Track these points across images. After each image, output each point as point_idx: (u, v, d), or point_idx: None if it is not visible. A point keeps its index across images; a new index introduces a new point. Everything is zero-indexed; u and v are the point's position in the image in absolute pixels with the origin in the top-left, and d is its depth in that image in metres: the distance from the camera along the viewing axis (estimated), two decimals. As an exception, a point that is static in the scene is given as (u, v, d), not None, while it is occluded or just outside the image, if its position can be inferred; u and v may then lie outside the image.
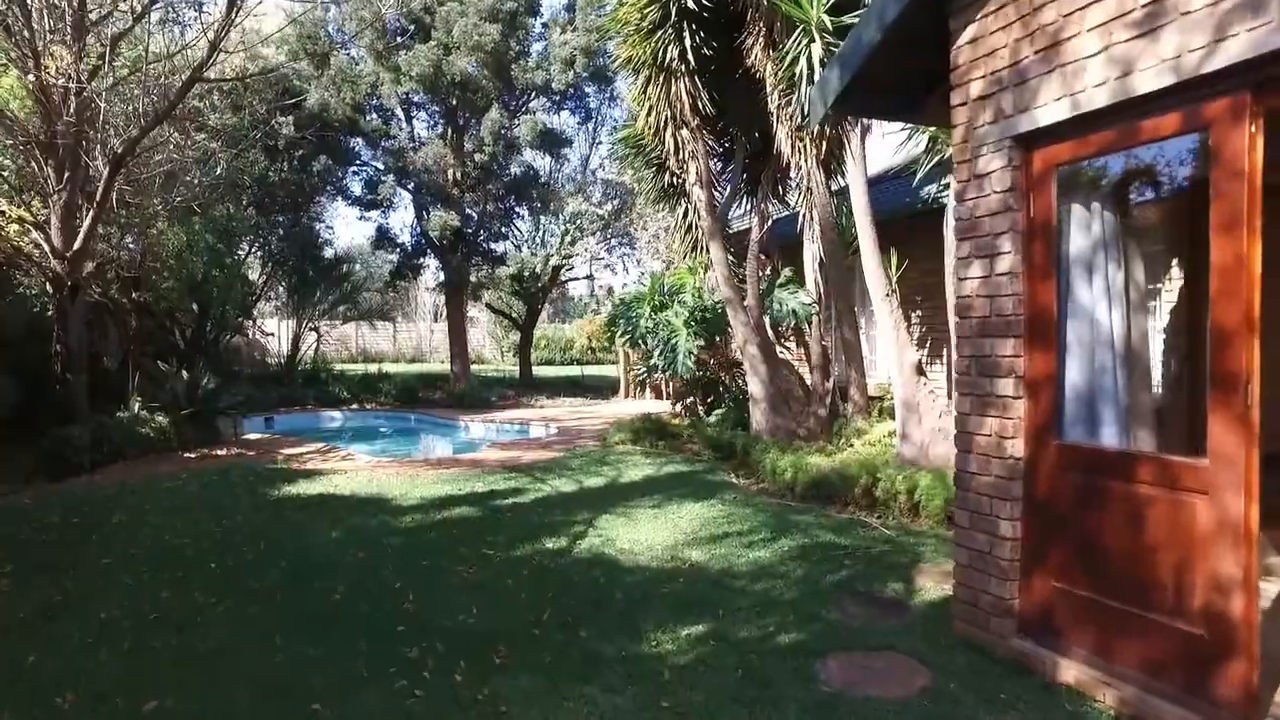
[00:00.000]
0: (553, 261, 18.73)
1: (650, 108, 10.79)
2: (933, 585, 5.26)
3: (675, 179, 12.61)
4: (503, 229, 18.95)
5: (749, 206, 12.10)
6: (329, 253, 20.83)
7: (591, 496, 8.09)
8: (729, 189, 10.88)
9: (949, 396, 8.54)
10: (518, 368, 30.22)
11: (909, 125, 8.07)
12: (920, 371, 8.45)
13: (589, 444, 11.78)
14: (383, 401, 18.76)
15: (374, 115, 18.62)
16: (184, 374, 12.15)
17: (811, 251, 10.45)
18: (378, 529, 6.72)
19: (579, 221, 17.24)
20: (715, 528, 6.76)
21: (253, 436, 13.11)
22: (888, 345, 8.52)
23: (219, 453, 10.62)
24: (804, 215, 10.34)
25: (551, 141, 18.12)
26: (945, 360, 10.33)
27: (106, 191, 8.66)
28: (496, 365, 33.12)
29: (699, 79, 9.84)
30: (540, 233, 19.87)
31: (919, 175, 8.07)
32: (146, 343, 18.25)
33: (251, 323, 21.69)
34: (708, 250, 12.08)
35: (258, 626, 4.49)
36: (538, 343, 36.46)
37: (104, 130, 8.98)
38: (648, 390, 19.21)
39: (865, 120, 8.31)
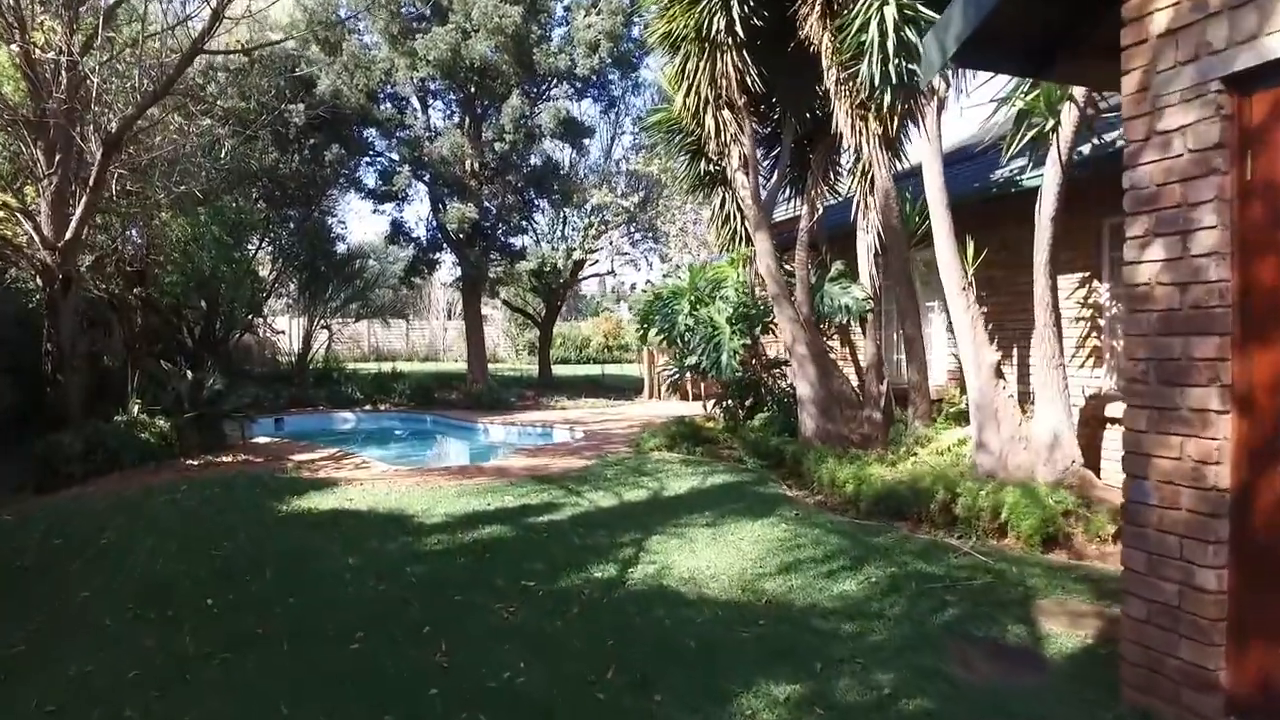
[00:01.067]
0: (575, 256, 17.90)
1: (689, 87, 9.94)
2: (1064, 631, 4.40)
3: (714, 166, 11.76)
4: (522, 222, 18.13)
5: (791, 195, 11.24)
6: (341, 248, 20.07)
7: (636, 513, 7.25)
8: (775, 175, 10.02)
9: (1012, 398, 7.66)
10: (535, 367, 29.56)
11: (994, 99, 7.18)
12: (999, 374, 7.58)
13: (621, 450, 10.94)
14: (397, 402, 18.00)
15: (388, 104, 17.85)
16: (188, 374, 11.38)
17: (866, 242, 9.58)
18: (399, 554, 5.91)
19: (603, 214, 16.40)
20: (785, 552, 5.91)
21: (262, 440, 12.33)
22: (963, 344, 7.64)
23: (224, 459, 9.84)
24: (858, 202, 9.46)
25: (574, 131, 17.28)
26: (1015, 361, 9.43)
27: (101, 176, 7.89)
28: (511, 364, 32.37)
29: (747, 53, 8.99)
30: (562, 226, 19.02)
31: (1009, 151, 7.16)
32: (153, 341, 17.60)
33: (262, 320, 20.99)
34: (750, 242, 11.24)
35: (258, 689, 3.67)
36: (553, 341, 35.73)
37: (98, 110, 8.20)
38: (674, 391, 18.37)
39: (941, 93, 7.44)
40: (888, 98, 7.30)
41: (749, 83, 9.01)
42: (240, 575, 5.33)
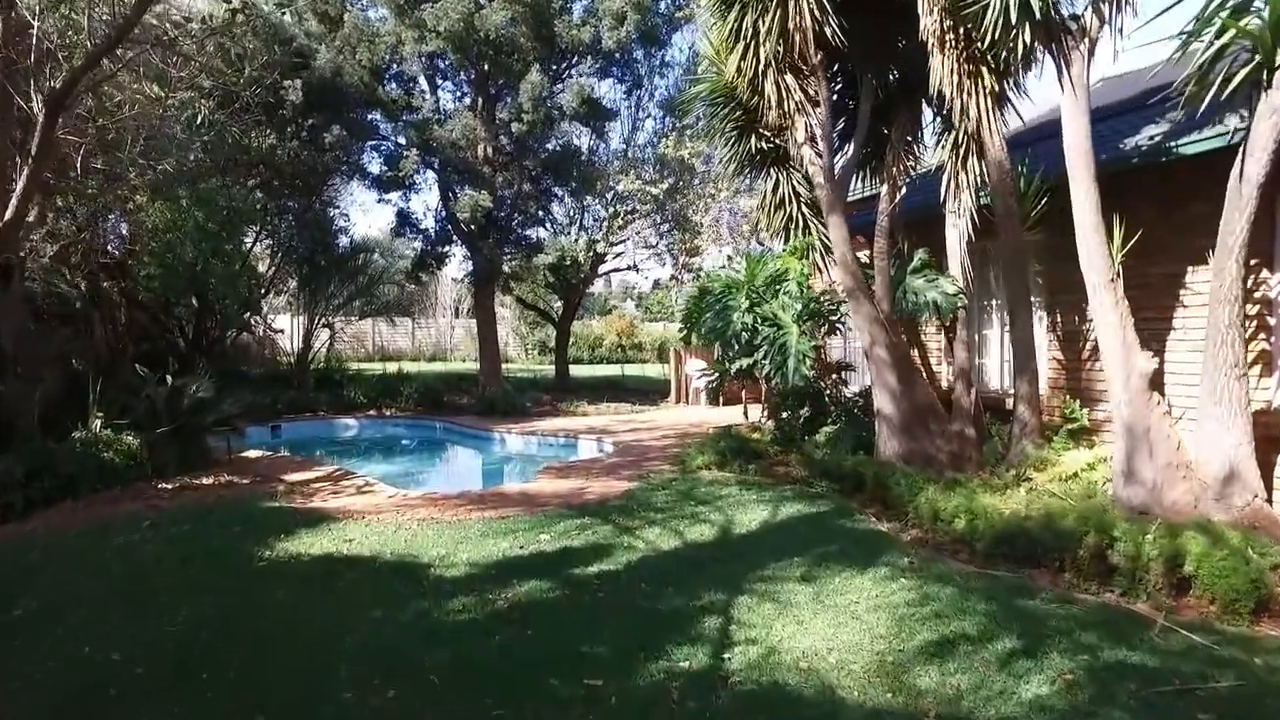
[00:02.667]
0: (598, 248, 16.43)
1: (746, 47, 8.53)
2: None
3: (768, 142, 10.34)
4: (539, 212, 16.66)
5: (862, 174, 9.79)
6: (344, 241, 18.65)
7: (706, 559, 5.81)
8: (849, 150, 8.55)
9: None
10: (547, 367, 28.07)
11: (1183, 32, 5.63)
12: (1154, 386, 6.12)
13: (664, 469, 9.50)
14: (403, 407, 16.58)
15: (393, 84, 16.38)
16: (168, 379, 9.95)
17: (958, 227, 8.11)
18: (413, 628, 4.46)
19: (630, 203, 14.93)
20: (922, 625, 4.46)
21: (252, 454, 10.91)
22: (1109, 348, 6.19)
23: (204, 481, 8.42)
24: (949, 180, 8.01)
25: (596, 113, 15.81)
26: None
27: (45, 142, 6.47)
28: (522, 364, 30.95)
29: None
30: (581, 216, 17.54)
31: (1191, 99, 5.62)
32: (140, 342, 16.26)
33: (259, 319, 19.58)
34: (810, 228, 9.82)
35: None
36: (556, 339, 34.44)
37: (45, 65, 6.78)
38: (714, 398, 16.87)
39: (1093, 31, 5.95)
40: (1024, 38, 5.82)
41: (828, 35, 7.55)
42: (196, 670, 3.89)
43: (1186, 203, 6.77)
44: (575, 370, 24.10)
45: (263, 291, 18.65)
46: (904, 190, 8.48)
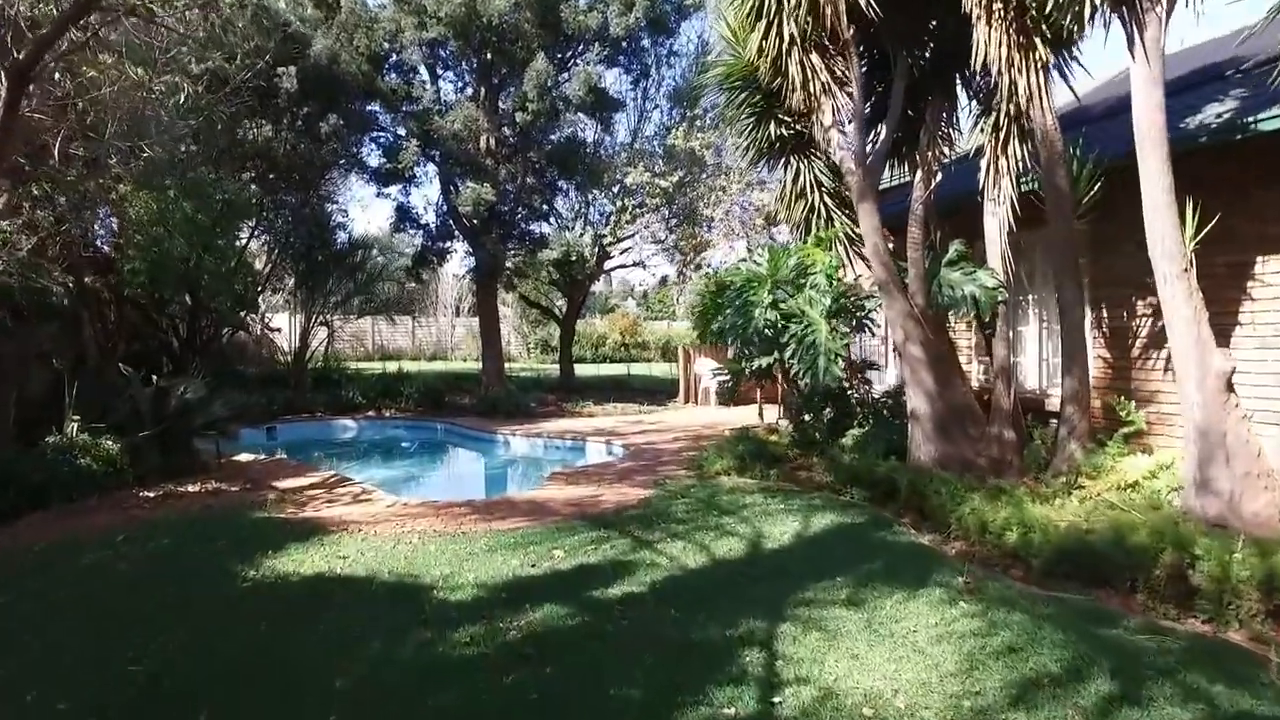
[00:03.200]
0: (605, 242, 15.85)
1: (770, 25, 7.98)
2: None
3: (788, 128, 9.78)
4: (544, 206, 16.08)
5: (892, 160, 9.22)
6: (342, 237, 18.09)
7: (739, 578, 5.24)
8: (882, 133, 7.97)
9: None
10: (550, 366, 27.47)
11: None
12: (1230, 387, 5.55)
13: (679, 474, 8.94)
14: (403, 408, 16.03)
15: (393, 74, 15.81)
16: (154, 379, 9.40)
17: (999, 216, 7.53)
18: (413, 665, 3.90)
19: (638, 196, 14.34)
20: (993, 657, 3.90)
21: (244, 458, 10.34)
22: (1181, 345, 5.62)
23: (190, 489, 7.85)
24: (989, 164, 7.43)
25: (603, 103, 15.24)
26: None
27: (9, 116, 5.90)
28: (524, 363, 30.38)
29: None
30: (587, 210, 16.95)
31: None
32: (132, 341, 15.73)
33: (255, 317, 19.01)
34: (832, 220, 9.26)
35: None
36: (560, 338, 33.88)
37: (8, 43, 6.21)
38: (728, 398, 16.31)
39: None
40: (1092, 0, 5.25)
41: (862, 7, 6.98)
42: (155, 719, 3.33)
43: (1261, 186, 6.20)
44: (579, 369, 23.53)
45: (259, 289, 18.12)
46: (939, 177, 7.90)
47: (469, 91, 16.51)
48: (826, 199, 9.77)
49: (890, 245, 7.84)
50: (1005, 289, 7.65)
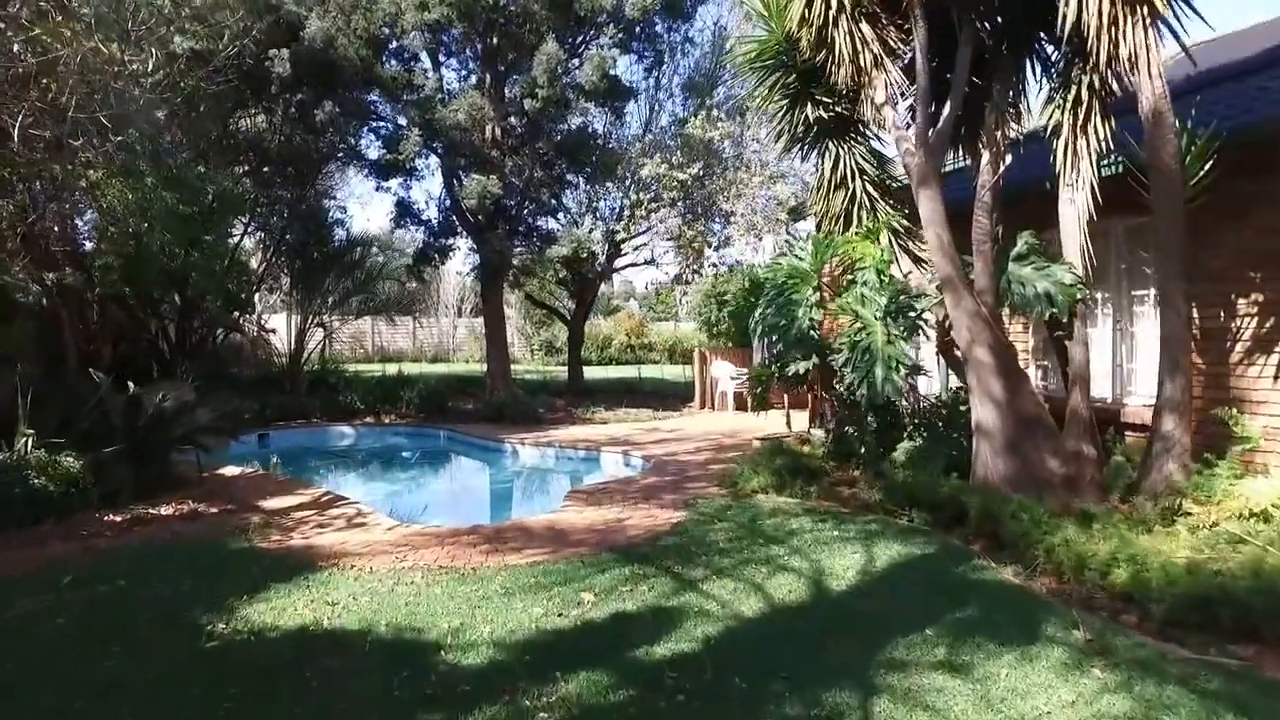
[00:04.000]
0: (618, 238, 14.95)
1: (814, -11, 7.15)
2: None
3: (826, 110, 8.92)
4: (552, 200, 15.19)
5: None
6: (340, 234, 17.24)
7: (808, 631, 4.35)
8: (947, 108, 7.06)
9: None
10: (555, 368, 26.55)
11: None
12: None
13: (711, 491, 8.06)
14: (404, 413, 15.13)
15: (393, 62, 14.93)
16: (130, 386, 8.53)
17: (1077, 203, 6.65)
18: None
19: (653, 189, 13.45)
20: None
21: (231, 471, 9.46)
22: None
23: (163, 511, 6.97)
24: (1065, 145, 6.57)
25: (617, 92, 14.35)
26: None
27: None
28: (527, 365, 29.50)
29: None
30: (600, 203, 16.05)
31: None
32: (118, 343, 14.89)
33: (248, 317, 18.15)
34: (875, 211, 8.39)
35: None
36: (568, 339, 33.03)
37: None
38: (759, 405, 15.44)
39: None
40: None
41: (929, -38, 6.11)
42: None
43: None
44: (586, 372, 22.63)
45: (254, 288, 17.26)
46: (1008, 159, 7.02)
47: (473, 80, 15.64)
48: (869, 188, 8.91)
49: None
50: (1084, 285, 6.76)
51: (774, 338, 7.63)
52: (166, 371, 14.37)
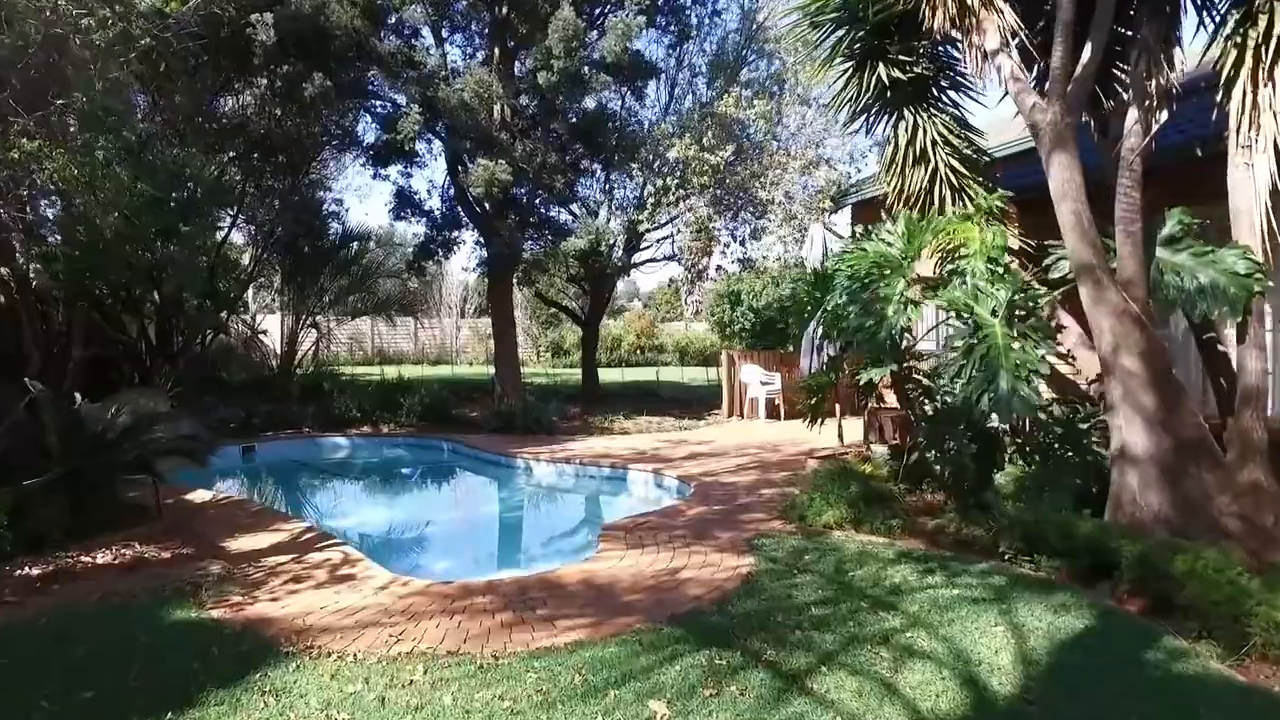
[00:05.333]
0: (641, 229, 13.53)
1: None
2: None
3: (903, 69, 7.58)
4: (567, 189, 13.78)
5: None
6: (335, 228, 15.83)
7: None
8: (1086, 53, 5.63)
9: None
10: (569, 372, 25.06)
11: None
12: None
13: (775, 526, 6.66)
14: (404, 422, 13.71)
15: (392, 37, 13.52)
16: (79, 399, 7.15)
17: (1256, 170, 5.23)
18: None
19: (683, 173, 12.03)
20: None
21: (200, 496, 8.08)
22: None
23: (98, 559, 5.57)
24: (1241, 94, 5.18)
25: (638, 70, 12.95)
26: None
27: None
28: (534, 368, 28.06)
29: None
30: (620, 191, 14.59)
31: None
32: (89, 344, 13.51)
33: (237, 317, 16.78)
34: (963, 193, 7.02)
35: None
36: (579, 341, 31.64)
37: None
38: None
39: None
40: None
41: None
42: None
43: None
44: (599, 375, 21.16)
45: (243, 286, 15.90)
46: (1163, 116, 5.61)
47: (480, 57, 14.25)
48: (954, 162, 7.54)
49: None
50: (1263, 274, 5.35)
51: (860, 342, 6.19)
52: (145, 377, 13.01)
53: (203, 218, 11.73)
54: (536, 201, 13.98)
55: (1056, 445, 6.39)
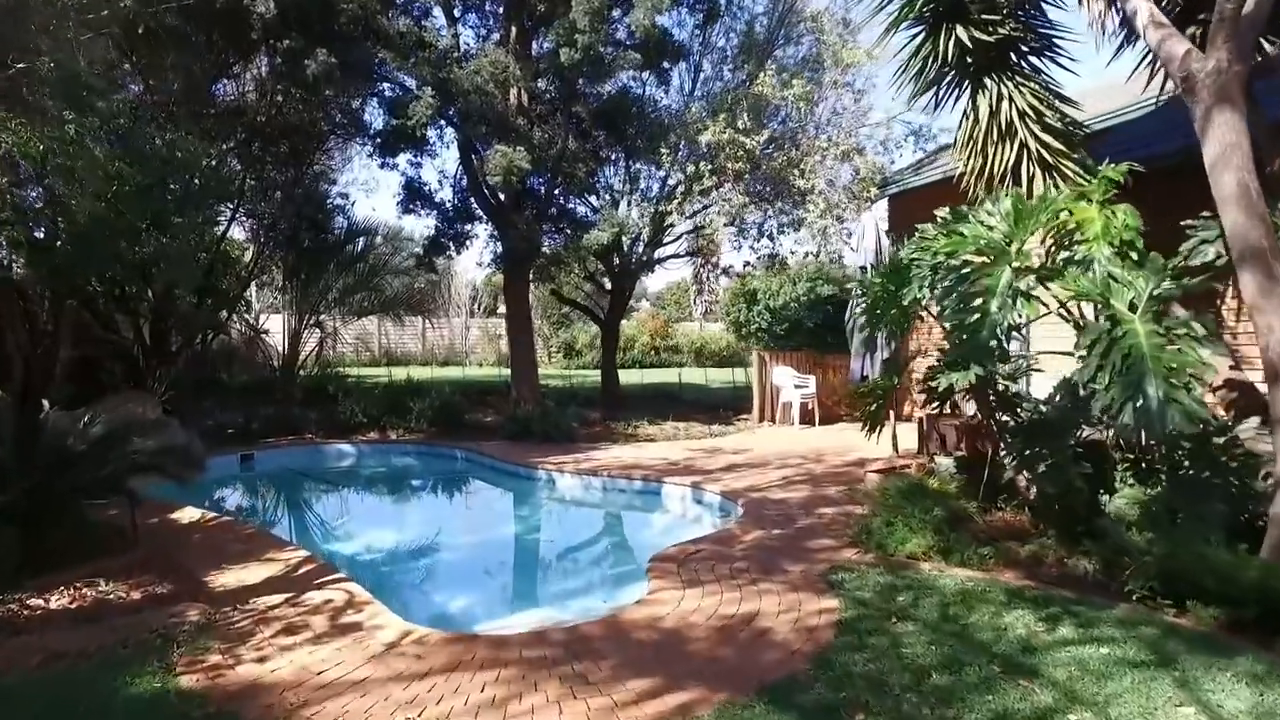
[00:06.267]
0: (668, 221, 12.54)
1: None
2: None
3: (987, 30, 6.65)
4: (589, 178, 12.83)
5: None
6: (341, 222, 14.94)
7: None
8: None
9: None
10: (584, 373, 24.10)
11: None
12: None
13: (847, 555, 5.72)
14: (414, 428, 12.79)
15: (402, 18, 12.60)
16: (47, 406, 6.25)
17: None
18: None
19: (718, 159, 11.05)
20: None
21: (187, 516, 7.16)
22: None
23: (50, 603, 4.65)
24: None
25: (665, 50, 12.01)
26: None
27: None
28: (546, 369, 27.10)
29: None
30: (646, 180, 13.61)
31: None
32: (79, 344, 12.65)
33: (238, 316, 15.88)
34: (1054, 171, 6.09)
35: None
36: (591, 342, 30.66)
37: None
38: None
39: None
40: None
41: None
42: None
43: None
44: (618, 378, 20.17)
45: (244, 283, 15.01)
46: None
47: (495, 38, 13.32)
48: (1045, 137, 6.59)
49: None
50: None
51: (963, 343, 5.22)
52: (138, 380, 12.14)
53: (199, 209, 10.85)
54: (556, 192, 13.05)
55: (1187, 464, 5.42)
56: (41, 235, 7.51)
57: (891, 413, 8.99)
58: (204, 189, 10.91)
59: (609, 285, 15.20)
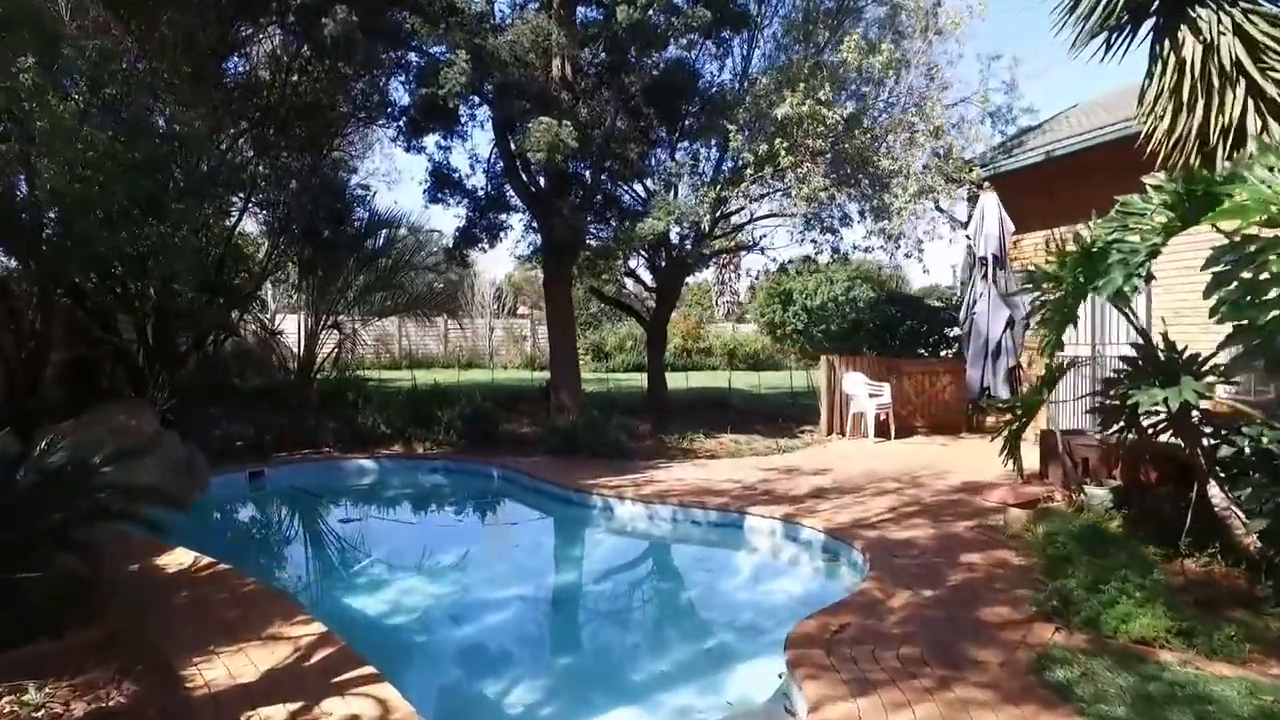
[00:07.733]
0: (729, 209, 11.09)
1: None
2: None
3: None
4: (642, 161, 11.39)
5: None
6: (361, 214, 13.62)
7: None
8: None
9: None
10: (624, 376, 22.58)
11: None
12: None
13: (1042, 635, 4.25)
14: (442, 440, 11.40)
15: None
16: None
17: None
18: None
19: (796, 135, 9.54)
20: None
21: (176, 562, 5.78)
22: None
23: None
24: None
25: (726, 15, 10.56)
26: None
27: None
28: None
29: None
30: (707, 162, 12.07)
31: None
32: (74, 345, 11.49)
33: (251, 315, 14.58)
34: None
35: None
36: (621, 343, 29.24)
37: None
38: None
39: None
40: None
41: None
42: None
43: None
44: (636, 378, 18.63)
45: (258, 280, 13.71)
46: None
47: (535, 5, 11.92)
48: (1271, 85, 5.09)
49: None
50: None
51: (1253, 344, 3.74)
52: (140, 385, 10.87)
53: (203, 196, 9.53)
54: (603, 177, 11.62)
55: None
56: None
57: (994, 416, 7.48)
58: (211, 174, 9.63)
59: (653, 282, 13.74)
